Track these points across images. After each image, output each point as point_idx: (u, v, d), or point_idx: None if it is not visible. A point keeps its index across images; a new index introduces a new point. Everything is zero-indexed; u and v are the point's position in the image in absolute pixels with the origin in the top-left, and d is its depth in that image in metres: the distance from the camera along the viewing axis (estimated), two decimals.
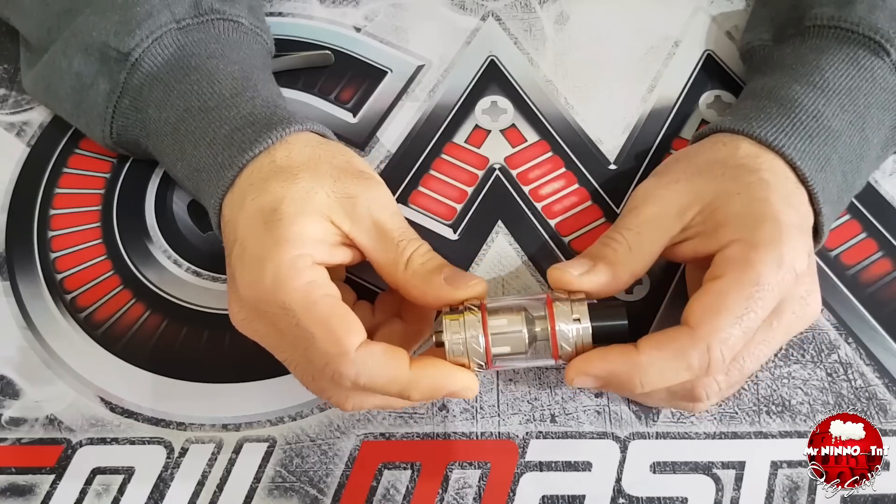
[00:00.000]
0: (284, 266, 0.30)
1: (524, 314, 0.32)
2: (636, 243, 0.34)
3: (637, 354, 0.31)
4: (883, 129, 0.38)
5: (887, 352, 0.39)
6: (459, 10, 0.49)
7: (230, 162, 0.34)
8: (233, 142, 0.35)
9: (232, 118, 0.36)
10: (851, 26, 0.38)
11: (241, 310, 0.33)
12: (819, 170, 0.35)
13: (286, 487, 0.36)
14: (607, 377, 0.31)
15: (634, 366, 0.31)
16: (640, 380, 0.31)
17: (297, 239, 0.31)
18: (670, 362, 0.30)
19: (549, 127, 0.45)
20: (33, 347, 0.39)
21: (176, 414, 0.38)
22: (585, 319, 0.32)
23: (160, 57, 0.38)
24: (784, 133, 0.35)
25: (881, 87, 0.37)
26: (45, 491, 0.36)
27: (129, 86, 0.38)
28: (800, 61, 0.38)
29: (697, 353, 0.30)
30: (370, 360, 0.30)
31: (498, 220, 0.42)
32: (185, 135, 0.36)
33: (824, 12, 0.39)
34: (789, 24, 0.41)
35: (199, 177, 0.36)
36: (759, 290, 0.30)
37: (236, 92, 0.37)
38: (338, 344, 0.29)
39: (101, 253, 0.41)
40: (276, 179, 0.33)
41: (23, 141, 0.44)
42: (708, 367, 0.30)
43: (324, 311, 0.30)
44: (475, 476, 0.36)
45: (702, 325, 0.30)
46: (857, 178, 0.37)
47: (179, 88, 0.37)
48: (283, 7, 0.49)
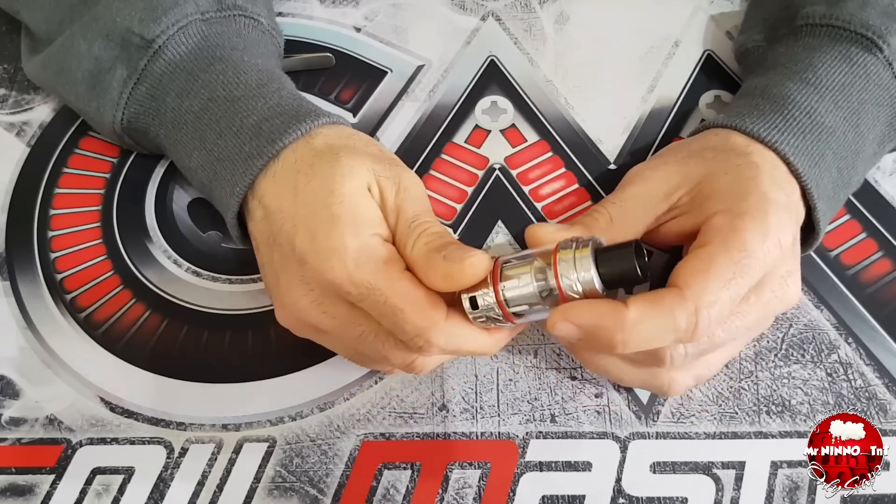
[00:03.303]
0: (367, 248, 0.31)
1: (533, 266, 0.31)
2: (618, 216, 0.35)
3: (625, 310, 0.30)
4: (878, 126, 0.38)
5: (887, 352, 0.39)
6: (459, 10, 0.49)
7: (259, 151, 0.34)
8: (261, 131, 0.35)
9: (259, 108, 0.36)
10: (843, 24, 0.38)
11: (311, 291, 0.33)
12: (813, 165, 0.35)
13: (286, 487, 0.36)
14: (590, 329, 0.30)
15: (620, 321, 0.29)
16: (624, 337, 0.29)
17: (364, 221, 0.32)
18: (657, 320, 0.30)
19: (549, 127, 0.45)
20: (33, 347, 0.39)
21: (176, 414, 0.38)
22: (590, 266, 0.30)
23: (184, 46, 0.38)
24: (777, 129, 0.35)
25: (875, 84, 0.37)
26: (45, 491, 0.36)
27: (149, 72, 0.38)
28: (792, 60, 0.38)
29: (685, 313, 0.30)
30: (457, 328, 0.32)
31: (498, 219, 0.42)
32: (208, 124, 0.36)
33: (816, 11, 0.39)
34: (782, 24, 0.41)
35: (220, 166, 0.36)
36: (745, 256, 0.30)
37: (262, 83, 0.37)
38: (427, 317, 0.31)
39: (101, 253, 0.41)
40: (321, 162, 0.33)
41: (23, 141, 0.44)
42: (694, 331, 0.30)
43: (408, 286, 0.31)
44: (475, 476, 0.36)
45: (690, 286, 0.30)
46: (853, 175, 0.37)
47: (204, 78, 0.37)
48: (283, 7, 0.49)
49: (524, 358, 0.39)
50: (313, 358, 0.39)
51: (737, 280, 0.30)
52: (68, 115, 0.45)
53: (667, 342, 0.30)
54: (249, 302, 0.40)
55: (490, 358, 0.39)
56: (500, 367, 0.39)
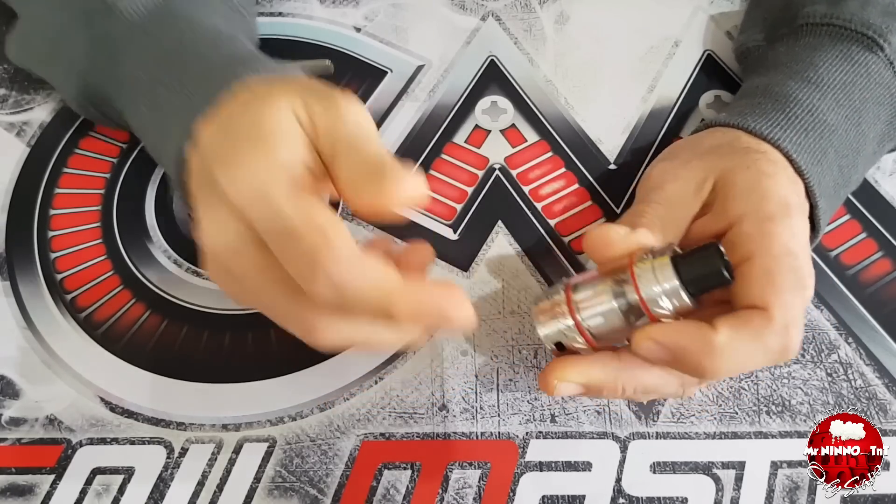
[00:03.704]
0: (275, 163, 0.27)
1: (609, 284, 0.29)
2: (666, 218, 0.33)
3: (713, 333, 0.28)
4: (878, 124, 0.38)
5: (887, 352, 0.39)
6: (459, 10, 0.49)
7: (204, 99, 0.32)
8: (209, 79, 0.33)
9: (210, 57, 0.34)
10: (844, 23, 0.38)
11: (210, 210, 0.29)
12: (815, 163, 0.35)
13: (286, 487, 0.36)
14: (676, 351, 0.29)
15: (708, 345, 0.28)
16: (712, 363, 0.28)
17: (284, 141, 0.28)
18: (748, 345, 0.28)
19: (549, 127, 0.45)
20: (33, 347, 0.39)
21: (176, 414, 0.38)
22: (672, 275, 0.28)
23: (143, 7, 0.37)
24: (779, 127, 0.35)
25: (876, 82, 0.37)
26: (45, 491, 0.36)
27: (108, 37, 0.37)
28: (794, 59, 0.38)
29: (776, 335, 0.28)
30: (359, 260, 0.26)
31: (498, 220, 0.42)
32: (158, 80, 0.35)
33: (816, 10, 0.39)
34: (782, 24, 0.41)
35: (168, 121, 0.34)
36: (795, 259, 0.30)
37: (217, 37, 0.36)
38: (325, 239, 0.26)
39: (101, 253, 0.41)
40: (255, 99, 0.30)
41: (23, 141, 0.44)
42: (786, 351, 0.29)
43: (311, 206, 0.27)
44: (475, 476, 0.36)
45: (772, 305, 0.29)
46: (853, 173, 0.37)
47: (159, 35, 0.36)
48: (283, 7, 0.49)
49: (524, 358, 0.39)
50: (313, 358, 0.39)
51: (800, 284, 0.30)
52: (68, 115, 0.45)
53: (758, 366, 0.29)
54: None
55: (490, 358, 0.39)
56: (500, 367, 0.39)
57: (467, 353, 0.39)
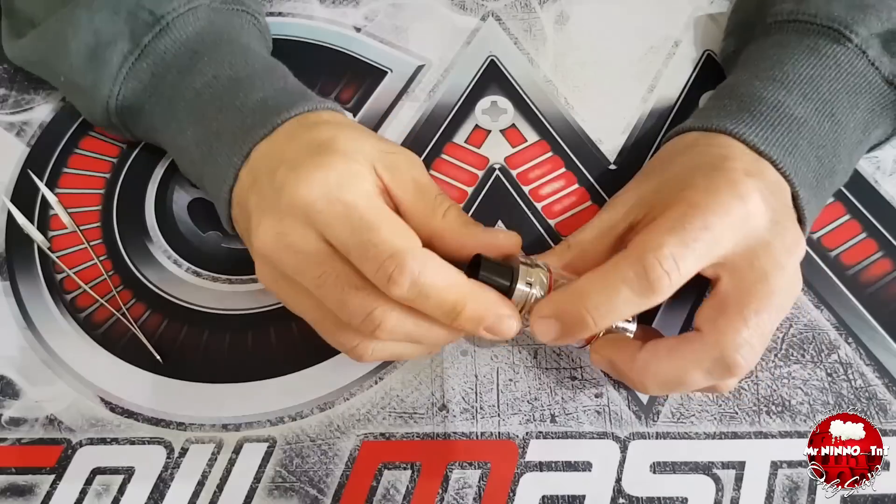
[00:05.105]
0: (351, 171, 0.31)
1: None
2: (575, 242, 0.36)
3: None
4: (858, 112, 0.38)
5: (887, 352, 0.39)
6: (459, 10, 0.49)
7: (263, 122, 0.34)
8: (266, 107, 0.35)
9: (265, 88, 0.36)
10: (810, 18, 0.38)
11: (279, 222, 0.31)
12: (787, 154, 0.35)
13: (286, 487, 0.36)
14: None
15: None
16: (586, 306, 0.30)
17: (357, 155, 0.32)
18: (608, 278, 0.31)
19: (549, 127, 0.45)
20: (33, 347, 0.39)
21: (176, 414, 0.38)
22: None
23: (191, 27, 0.38)
24: (743, 123, 0.36)
25: (847, 72, 0.37)
26: (45, 491, 0.36)
27: (152, 48, 0.38)
28: (761, 57, 0.39)
29: (629, 264, 0.30)
30: (434, 259, 0.30)
31: (498, 220, 0.42)
32: (208, 101, 0.36)
33: (784, 8, 0.40)
34: (756, 25, 0.42)
35: (218, 141, 0.36)
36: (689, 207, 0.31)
37: (268, 69, 0.38)
38: (405, 237, 0.30)
39: (101, 253, 0.41)
40: (325, 126, 0.34)
41: (23, 141, 0.44)
42: (648, 274, 0.30)
43: (389, 212, 0.31)
44: (475, 476, 0.36)
45: (636, 244, 0.31)
46: (836, 163, 0.37)
47: (210, 56, 0.38)
48: (283, 7, 0.49)
49: (524, 358, 0.39)
50: (313, 358, 0.39)
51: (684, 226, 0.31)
52: (68, 115, 0.45)
53: (625, 297, 0.30)
54: (249, 302, 0.40)
55: (490, 358, 0.39)
56: (500, 367, 0.39)
57: (467, 353, 0.39)
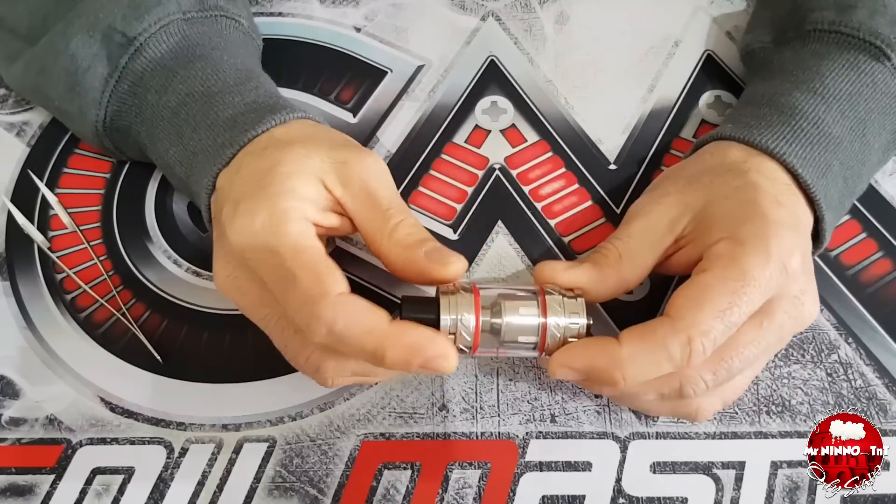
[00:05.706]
0: (276, 213, 0.31)
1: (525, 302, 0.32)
2: (626, 252, 0.34)
3: (618, 347, 0.31)
4: (884, 134, 0.37)
5: (887, 352, 0.39)
6: (459, 10, 0.49)
7: (231, 141, 0.34)
8: (235, 124, 0.35)
9: (235, 104, 0.36)
10: (852, 31, 0.37)
11: (227, 265, 0.33)
12: (821, 176, 0.35)
13: (286, 487, 0.36)
14: (588, 370, 0.31)
15: (615, 358, 0.30)
16: (622, 373, 0.30)
17: (291, 193, 0.31)
18: (651, 354, 0.30)
19: (549, 127, 0.45)
20: (33, 347, 0.39)
21: (176, 414, 0.38)
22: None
23: (165, 45, 0.38)
24: (785, 140, 0.35)
25: (882, 92, 0.37)
26: (45, 491, 0.36)
27: (130, 70, 0.38)
28: (800, 67, 0.38)
29: (678, 343, 0.30)
30: (350, 307, 0.29)
31: (498, 220, 0.42)
32: (184, 119, 0.36)
33: (825, 17, 0.39)
34: (790, 27, 0.41)
35: (195, 160, 0.36)
36: (743, 286, 0.30)
37: (240, 81, 0.37)
38: (319, 284, 0.29)
39: (101, 253, 0.41)
40: (273, 148, 0.33)
41: (23, 141, 0.44)
42: (689, 359, 0.30)
43: (310, 257, 0.30)
44: (475, 476, 0.36)
45: (683, 316, 0.30)
46: (858, 183, 0.37)
47: (183, 74, 0.37)
48: (283, 7, 0.49)
49: (524, 358, 0.39)
50: None
51: (732, 310, 0.30)
52: None
53: (663, 371, 0.31)
54: None
55: (490, 358, 0.39)
56: (500, 367, 0.39)
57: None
